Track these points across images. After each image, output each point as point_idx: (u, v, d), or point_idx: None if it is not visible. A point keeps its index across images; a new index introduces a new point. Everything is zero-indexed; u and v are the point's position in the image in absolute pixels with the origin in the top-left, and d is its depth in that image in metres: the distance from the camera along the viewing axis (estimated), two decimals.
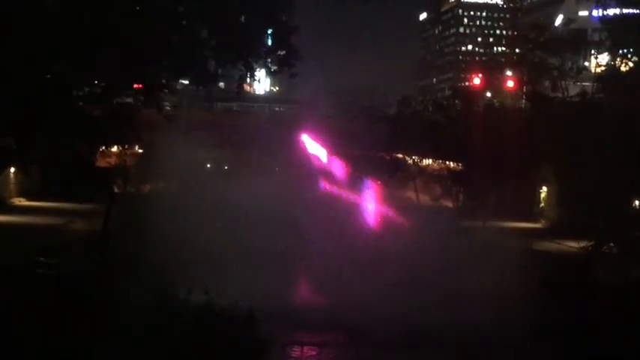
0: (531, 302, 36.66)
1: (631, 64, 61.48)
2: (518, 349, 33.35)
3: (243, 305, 29.20)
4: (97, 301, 31.95)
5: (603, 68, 68.36)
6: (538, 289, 39.77)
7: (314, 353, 34.28)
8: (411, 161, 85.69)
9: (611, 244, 45.99)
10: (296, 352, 34.07)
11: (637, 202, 52.17)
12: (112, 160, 59.44)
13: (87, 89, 38.40)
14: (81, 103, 38.53)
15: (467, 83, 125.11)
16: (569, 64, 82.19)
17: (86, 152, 47.09)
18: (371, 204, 65.94)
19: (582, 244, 48.05)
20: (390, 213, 62.27)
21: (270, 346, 29.30)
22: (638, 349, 32.70)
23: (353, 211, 64.18)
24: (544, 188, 76.32)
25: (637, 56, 60.77)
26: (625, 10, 70.01)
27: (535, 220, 76.10)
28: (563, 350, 33.29)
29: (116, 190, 55.91)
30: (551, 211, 72.26)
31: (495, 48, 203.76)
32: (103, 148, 54.90)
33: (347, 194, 68.80)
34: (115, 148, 61.46)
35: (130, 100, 41.78)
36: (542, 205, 78.37)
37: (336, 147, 74.13)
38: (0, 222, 46.29)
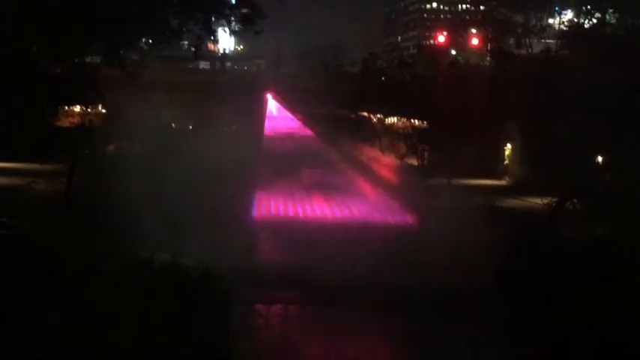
0: (495, 260, 36.78)
1: (594, 21, 61.59)
2: (481, 308, 33.47)
3: (207, 264, 29.21)
4: (61, 260, 31.74)
5: (567, 25, 68.49)
6: (502, 246, 39.92)
7: (279, 311, 34.33)
8: (375, 120, 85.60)
9: (575, 201, 46.20)
10: (261, 309, 34.09)
11: (600, 159, 52.39)
12: (75, 120, 58.82)
13: (49, 48, 37.76)
14: (42, 62, 37.93)
15: (432, 41, 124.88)
16: (534, 21, 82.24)
17: (48, 112, 46.50)
18: (336, 163, 66.00)
19: (546, 200, 48.24)
20: (354, 171, 62.28)
21: (234, 303, 29.43)
22: (601, 306, 32.96)
23: (318, 169, 64.24)
24: (508, 146, 76.51)
25: (600, 12, 60.87)
26: None
27: (500, 178, 76.38)
28: (526, 309, 33.46)
29: (79, 150, 55.32)
30: (516, 169, 72.52)
31: (460, 6, 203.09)
32: (66, 107, 54.27)
33: (313, 154, 68.79)
34: (77, 108, 60.83)
35: (92, 58, 41.16)
36: (506, 162, 78.60)
37: (300, 106, 73.92)
38: None
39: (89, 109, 60.64)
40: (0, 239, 33.30)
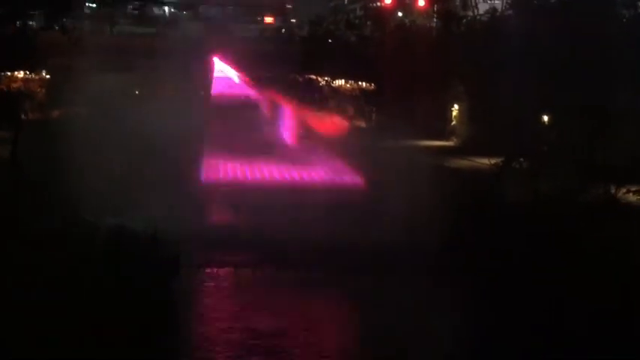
0: (442, 220, 37.08)
1: None
2: (427, 270, 33.78)
3: (153, 227, 29.18)
4: (7, 227, 31.56)
5: None
6: (449, 206, 40.25)
7: (228, 272, 34.39)
8: (323, 82, 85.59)
9: (521, 160, 46.69)
10: (211, 271, 34.12)
11: (545, 118, 52.93)
12: (18, 86, 58.14)
13: None
14: None
15: (378, 3, 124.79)
16: None
17: None
18: (286, 126, 66.03)
19: (493, 160, 48.70)
20: (302, 133, 62.38)
21: (182, 266, 29.46)
22: (545, 262, 33.53)
23: (267, 133, 64.24)
24: (455, 106, 76.94)
25: None
26: None
27: (447, 139, 76.82)
28: (473, 270, 33.86)
29: (23, 116, 54.72)
30: (463, 129, 72.97)
31: None
32: (8, 73, 53.58)
33: (261, 116, 68.71)
34: (21, 74, 60.12)
35: (33, 22, 40.67)
36: (453, 123, 79.04)
37: (248, 69, 73.67)
38: None
39: (32, 75, 59.95)
40: None
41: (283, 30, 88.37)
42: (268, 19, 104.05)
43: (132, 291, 25.71)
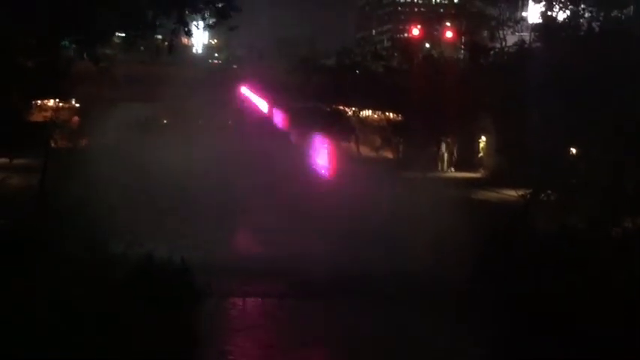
0: (470, 252, 36.94)
1: (568, 13, 61.92)
2: (458, 299, 33.64)
3: (180, 257, 29.23)
4: (36, 255, 31.66)
5: (540, 17, 68.75)
6: (476, 238, 40.07)
7: (255, 303, 34.35)
8: (350, 112, 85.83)
9: (549, 192, 46.46)
10: (237, 302, 34.10)
11: (573, 150, 52.70)
12: (48, 115, 58.58)
13: (21, 40, 37.55)
14: (16, 56, 37.74)
15: (406, 34, 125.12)
16: (507, 14, 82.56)
17: (21, 106, 46.28)
18: (314, 156, 66.06)
19: (520, 192, 48.51)
20: (332, 165, 62.31)
21: (208, 296, 29.43)
22: (570, 296, 33.23)
23: (295, 163, 64.27)
24: (483, 138, 76.88)
25: (573, 5, 61.18)
26: None
27: (474, 170, 76.76)
28: (500, 300, 33.66)
29: (53, 145, 55.12)
30: (490, 161, 72.88)
31: None
32: (39, 101, 54.03)
33: (287, 146, 68.83)
34: (51, 102, 60.55)
35: (65, 52, 40.98)
36: (481, 154, 79.00)
37: (275, 99, 73.97)
38: None
39: (62, 104, 60.41)
40: None
41: (310, 60, 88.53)
42: None
43: (160, 318, 25.69)
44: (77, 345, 23.58)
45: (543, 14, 67.09)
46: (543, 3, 69.17)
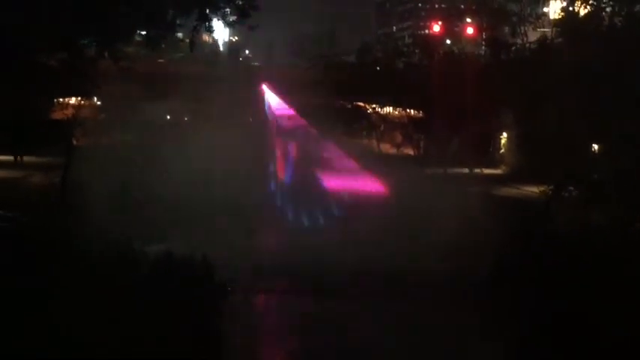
0: (491, 249, 36.85)
1: (589, 9, 61.55)
2: (478, 298, 33.55)
3: (201, 254, 29.28)
4: (57, 253, 31.82)
5: (561, 14, 68.39)
6: (498, 237, 39.94)
7: (274, 300, 34.40)
8: (371, 110, 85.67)
9: (571, 189, 46.24)
10: (257, 298, 34.14)
11: (595, 146, 52.45)
12: (70, 112, 58.84)
13: (44, 40, 37.73)
14: (38, 56, 37.94)
15: (427, 31, 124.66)
16: (528, 10, 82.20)
17: (43, 105, 46.57)
18: (333, 154, 65.85)
19: (542, 188, 48.31)
20: (352, 161, 62.07)
21: (230, 293, 29.47)
22: (595, 296, 33.02)
23: (316, 162, 64.14)
24: (504, 134, 76.62)
25: (595, 0, 60.82)
26: None
27: (496, 166, 76.54)
28: (521, 298, 33.52)
29: (74, 142, 55.41)
30: (511, 157, 72.64)
31: None
32: (60, 100, 54.25)
33: (310, 146, 68.69)
34: (72, 100, 60.80)
35: (87, 51, 41.13)
36: (502, 151, 78.72)
37: (296, 96, 73.86)
38: None
39: (84, 102, 60.64)
40: None
41: (330, 56, 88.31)
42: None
43: (180, 315, 25.75)
44: (97, 344, 23.67)
45: (564, 10, 66.70)
46: None
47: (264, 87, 74.65)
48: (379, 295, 34.64)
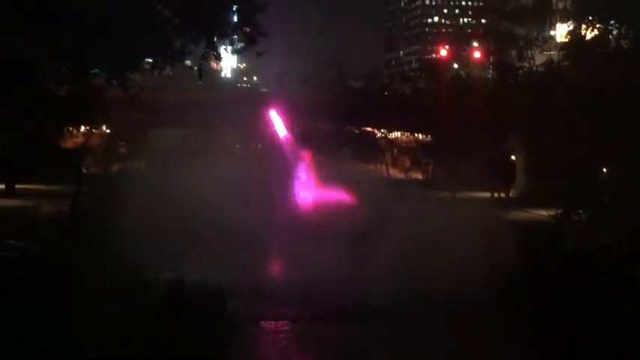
0: (503, 272, 36.77)
1: (596, 32, 61.64)
2: (491, 319, 33.52)
3: (211, 282, 29.26)
4: (68, 283, 31.88)
5: (568, 37, 68.53)
6: (510, 258, 39.85)
7: (287, 327, 34.31)
8: (379, 134, 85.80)
9: (580, 212, 46.20)
10: (269, 325, 34.06)
11: (604, 170, 52.40)
12: (79, 141, 58.97)
13: (52, 69, 37.96)
14: (47, 85, 38.15)
15: (434, 55, 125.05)
16: (535, 33, 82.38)
17: (53, 133, 46.67)
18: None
19: (552, 212, 48.24)
20: (351, 189, 61.80)
21: (240, 321, 29.42)
22: (610, 317, 32.95)
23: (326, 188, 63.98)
24: (512, 158, 76.59)
25: (601, 23, 60.90)
26: None
27: (505, 190, 76.37)
28: (535, 320, 33.47)
29: (84, 170, 55.50)
30: (520, 181, 72.60)
31: (462, 19, 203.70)
32: (70, 128, 54.34)
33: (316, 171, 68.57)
34: (82, 128, 60.92)
35: (96, 79, 41.35)
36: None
37: (303, 122, 73.94)
38: None
39: (93, 130, 60.80)
40: (8, 261, 33.51)
41: (338, 82, 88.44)
42: None
43: (191, 341, 25.74)
44: None
45: (571, 33, 66.84)
46: (570, 22, 68.96)
47: (272, 113, 74.78)
48: (391, 318, 34.55)
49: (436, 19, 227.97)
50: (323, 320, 35.03)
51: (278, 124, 71.49)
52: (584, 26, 63.10)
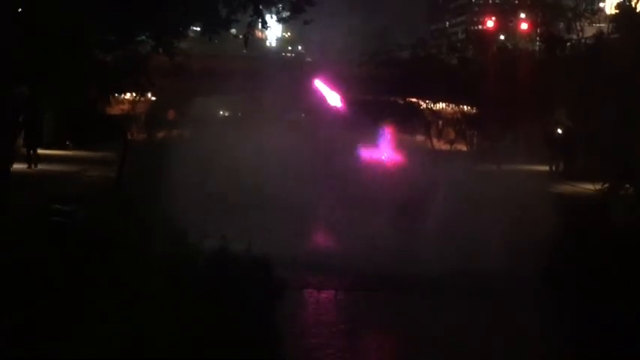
0: (546, 247, 36.49)
1: None
2: (533, 297, 33.27)
3: (257, 250, 29.34)
4: (112, 249, 32.24)
5: (618, 8, 67.62)
6: (553, 234, 39.51)
7: (329, 296, 34.31)
8: (424, 106, 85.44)
9: (627, 186, 45.65)
10: (312, 294, 34.08)
11: None
12: (125, 108, 59.50)
13: (100, 36, 38.22)
14: (93, 50, 38.43)
15: (480, 26, 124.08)
16: (584, 5, 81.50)
17: (99, 100, 47.10)
18: (388, 150, 65.54)
19: (598, 186, 47.76)
20: (402, 157, 61.76)
21: (285, 289, 29.47)
22: None
23: (370, 158, 63.86)
24: (559, 130, 75.95)
25: None
26: None
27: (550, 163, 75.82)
28: (577, 297, 33.19)
29: (130, 137, 55.96)
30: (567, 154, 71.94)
31: None
32: (116, 95, 54.74)
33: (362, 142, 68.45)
34: (127, 95, 61.41)
35: (143, 46, 41.56)
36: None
37: (348, 92, 73.84)
38: (15, 170, 46.43)
39: (139, 97, 61.22)
40: (55, 226, 33.89)
41: (383, 52, 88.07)
42: None
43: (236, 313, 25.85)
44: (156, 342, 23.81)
45: (620, 4, 65.93)
46: None
47: (317, 83, 74.75)
48: (430, 292, 34.40)
49: None
50: (373, 290, 34.93)
51: (327, 93, 71.42)
52: None
